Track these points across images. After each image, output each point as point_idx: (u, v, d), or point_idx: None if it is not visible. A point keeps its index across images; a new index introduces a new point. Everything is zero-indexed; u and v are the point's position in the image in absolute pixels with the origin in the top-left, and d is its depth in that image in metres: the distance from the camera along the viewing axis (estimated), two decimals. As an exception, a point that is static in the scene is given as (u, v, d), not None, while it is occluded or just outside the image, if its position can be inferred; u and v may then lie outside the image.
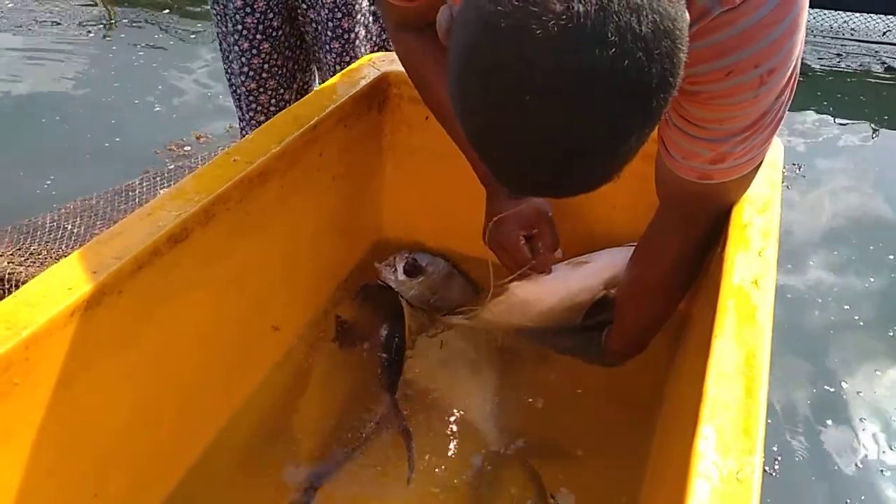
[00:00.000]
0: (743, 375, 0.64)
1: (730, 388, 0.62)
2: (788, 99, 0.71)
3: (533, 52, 0.43)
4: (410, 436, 0.98)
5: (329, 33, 1.36)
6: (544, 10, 0.42)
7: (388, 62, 1.14)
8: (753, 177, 0.80)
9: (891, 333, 1.60)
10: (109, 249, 0.72)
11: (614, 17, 0.42)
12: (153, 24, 3.46)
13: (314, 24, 1.36)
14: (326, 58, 1.37)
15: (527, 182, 0.52)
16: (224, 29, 1.39)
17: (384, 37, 1.43)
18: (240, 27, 1.35)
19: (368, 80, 1.09)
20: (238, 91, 1.43)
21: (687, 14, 0.48)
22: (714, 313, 0.70)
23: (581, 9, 0.42)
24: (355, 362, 1.10)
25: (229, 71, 1.45)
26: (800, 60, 0.70)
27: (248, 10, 1.33)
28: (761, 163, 0.78)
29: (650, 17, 0.43)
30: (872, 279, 1.76)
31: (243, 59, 1.37)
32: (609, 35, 0.42)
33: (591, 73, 0.43)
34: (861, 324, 1.63)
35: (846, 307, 1.67)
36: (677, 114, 0.73)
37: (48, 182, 2.13)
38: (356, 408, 1.03)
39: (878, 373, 1.49)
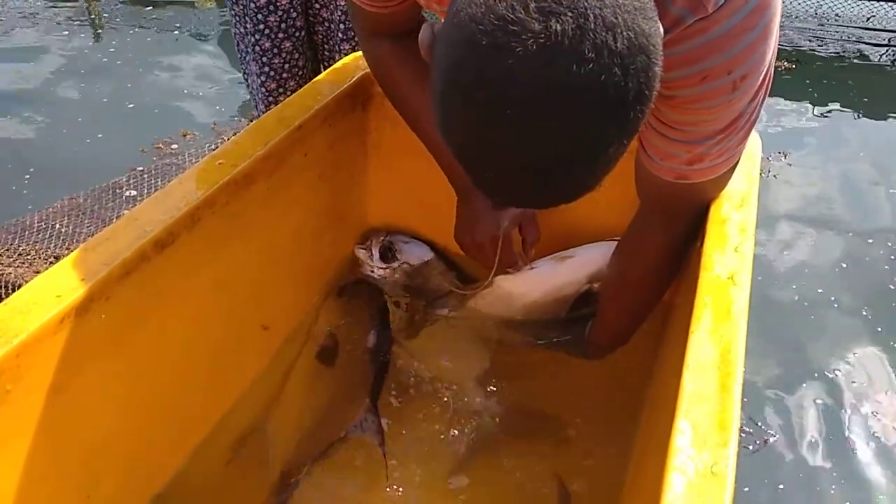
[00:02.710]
0: (718, 370, 0.65)
1: (705, 383, 0.64)
2: (762, 100, 0.73)
3: (513, 68, 0.45)
4: (383, 437, 1.00)
5: (340, 35, 1.37)
6: (523, 29, 0.44)
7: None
8: (730, 175, 0.82)
9: (864, 313, 1.63)
10: (97, 256, 0.73)
11: (591, 34, 0.44)
12: (137, 20, 3.44)
13: (326, 24, 1.37)
14: (335, 58, 1.38)
15: (508, 194, 0.54)
16: (243, 29, 1.38)
17: None
18: (262, 26, 1.35)
19: (353, 79, 1.10)
20: (257, 91, 1.43)
21: (661, 28, 0.50)
22: (692, 308, 0.72)
23: (559, 28, 0.44)
24: (342, 363, 1.12)
25: (247, 71, 1.45)
26: (773, 62, 0.72)
27: (271, 7, 1.33)
28: (738, 162, 0.80)
29: (625, 34, 0.45)
30: (848, 263, 1.79)
31: (264, 59, 1.37)
32: (586, 52, 0.44)
33: (570, 89, 0.45)
34: (836, 305, 1.66)
35: (829, 296, 1.69)
36: (654, 116, 0.74)
37: (35, 181, 2.13)
38: (339, 408, 1.04)
39: (854, 353, 1.52)
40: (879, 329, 1.58)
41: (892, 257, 1.81)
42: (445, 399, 1.07)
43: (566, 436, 1.03)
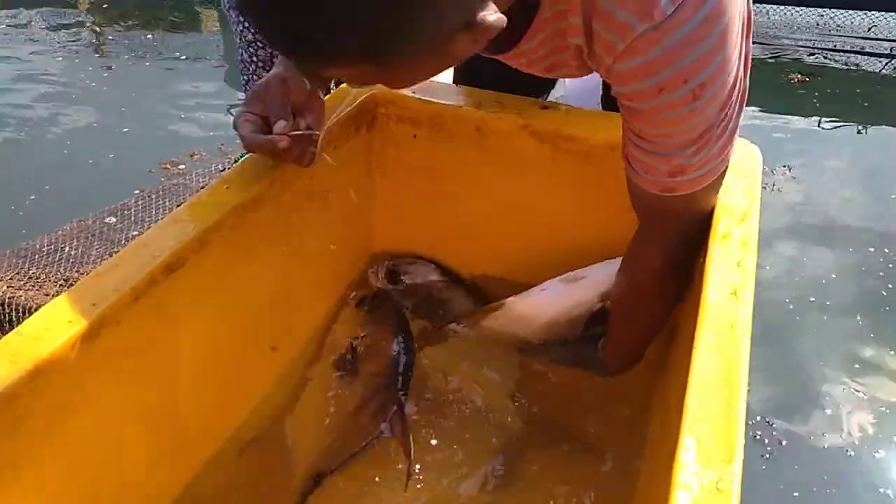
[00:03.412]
0: (722, 386, 0.66)
1: (710, 399, 0.65)
2: (737, 110, 0.73)
3: None
4: (410, 441, 1.00)
5: None
6: None
7: (376, 82, 1.17)
8: (720, 184, 0.83)
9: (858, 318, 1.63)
10: (107, 281, 0.75)
11: None
12: (142, 42, 3.49)
13: None
14: None
15: (280, 26, 0.54)
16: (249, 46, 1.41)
17: None
18: (255, 58, 1.37)
19: (356, 101, 1.11)
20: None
21: None
22: (695, 323, 0.73)
23: None
24: (364, 372, 1.12)
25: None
26: (742, 71, 0.72)
27: (258, 44, 1.36)
28: (725, 171, 0.80)
29: None
30: (853, 272, 1.79)
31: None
32: None
33: None
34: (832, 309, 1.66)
35: (837, 305, 1.69)
36: (630, 130, 0.75)
37: (43, 204, 2.15)
38: (363, 416, 1.04)
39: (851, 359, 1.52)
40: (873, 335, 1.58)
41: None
42: (467, 410, 1.08)
43: (582, 446, 1.03)
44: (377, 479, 0.98)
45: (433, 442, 1.03)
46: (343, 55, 0.55)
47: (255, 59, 1.47)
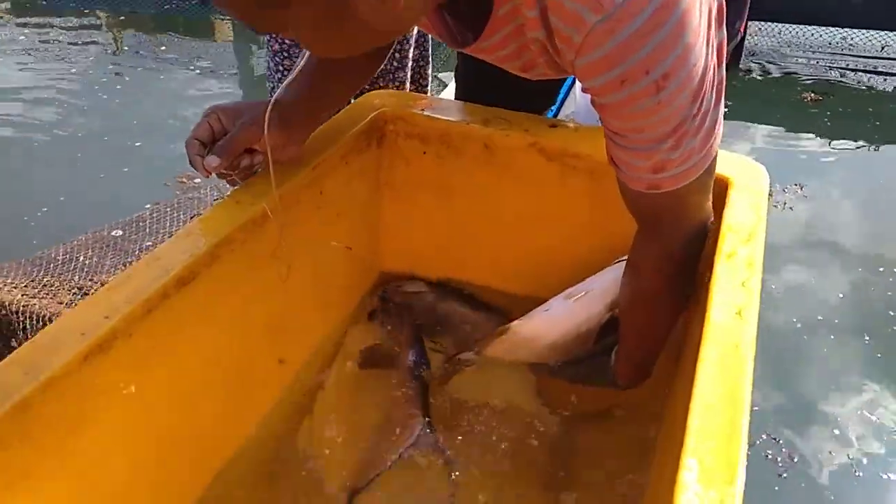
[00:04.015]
0: (725, 406, 0.66)
1: (712, 419, 0.65)
2: (716, 100, 0.73)
3: None
4: (445, 450, 1.01)
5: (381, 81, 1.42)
6: None
7: (386, 98, 1.19)
8: (709, 180, 0.81)
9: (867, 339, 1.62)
10: (120, 295, 0.76)
11: None
12: (159, 54, 3.53)
13: None
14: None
15: None
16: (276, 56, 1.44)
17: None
18: (280, 67, 1.39)
19: (367, 118, 1.13)
20: None
21: None
22: (699, 342, 0.73)
23: None
24: (379, 384, 1.12)
25: None
26: (716, 60, 0.71)
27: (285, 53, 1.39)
28: (713, 167, 0.79)
29: None
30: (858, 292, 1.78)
31: None
32: None
33: None
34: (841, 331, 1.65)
35: (846, 326, 1.69)
36: (607, 127, 0.75)
37: (59, 214, 2.18)
38: (386, 429, 1.04)
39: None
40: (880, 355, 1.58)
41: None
42: (487, 422, 1.08)
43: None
44: (413, 490, 0.99)
45: (453, 475, 1.02)
46: None
47: (280, 68, 1.50)
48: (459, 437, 1.06)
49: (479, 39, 0.79)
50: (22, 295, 1.72)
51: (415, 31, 1.51)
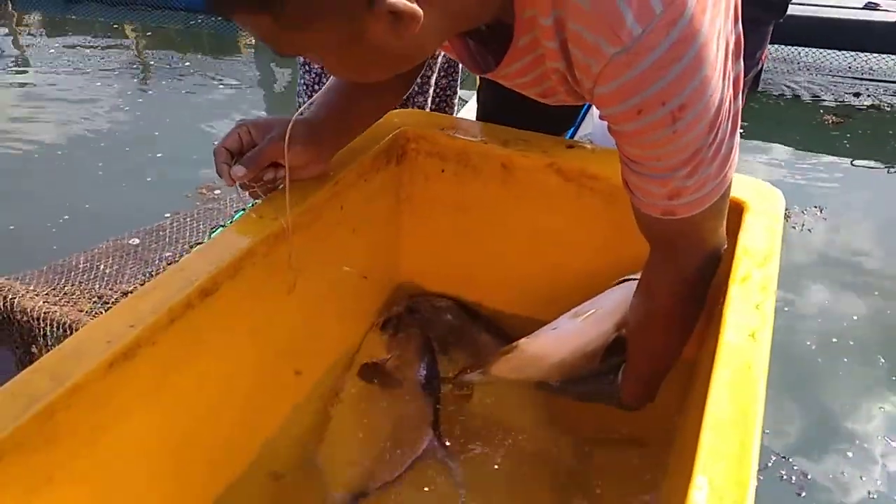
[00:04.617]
0: (737, 428, 0.67)
1: (724, 440, 0.66)
2: (731, 130, 0.74)
3: None
4: (454, 463, 1.02)
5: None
6: None
7: (406, 117, 1.21)
8: (724, 205, 0.82)
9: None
10: (145, 304, 0.78)
11: None
12: (184, 69, 3.59)
13: None
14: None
15: None
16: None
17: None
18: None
19: (388, 136, 1.15)
20: None
21: None
22: (713, 364, 0.74)
23: None
24: (391, 396, 1.13)
25: None
26: (732, 92, 0.72)
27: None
28: (727, 194, 0.80)
29: None
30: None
31: None
32: None
33: None
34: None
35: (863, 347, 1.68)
36: (623, 153, 0.77)
37: (81, 223, 2.22)
38: (398, 441, 1.06)
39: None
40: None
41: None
42: (498, 438, 1.09)
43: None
44: (419, 502, 1.00)
45: (462, 493, 1.02)
46: (242, 2, 0.60)
47: (315, 86, 1.51)
48: (473, 449, 1.07)
49: (500, 66, 0.81)
50: (43, 302, 1.75)
51: (441, 58, 1.52)
